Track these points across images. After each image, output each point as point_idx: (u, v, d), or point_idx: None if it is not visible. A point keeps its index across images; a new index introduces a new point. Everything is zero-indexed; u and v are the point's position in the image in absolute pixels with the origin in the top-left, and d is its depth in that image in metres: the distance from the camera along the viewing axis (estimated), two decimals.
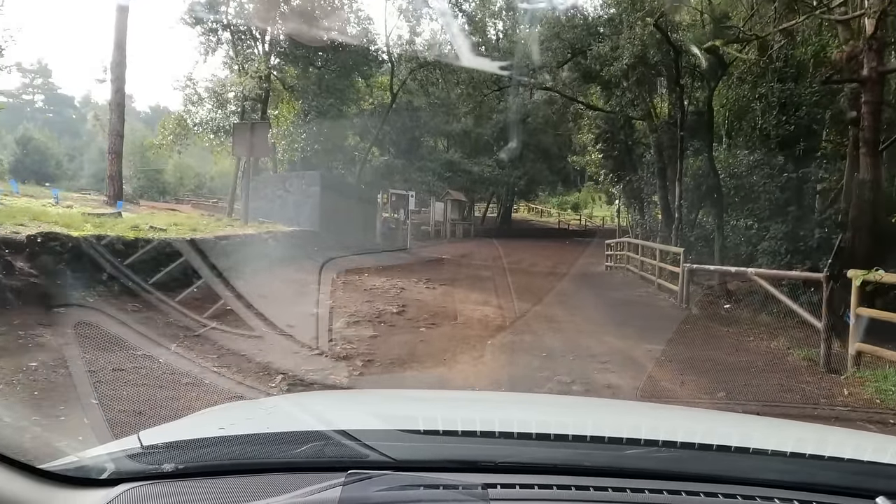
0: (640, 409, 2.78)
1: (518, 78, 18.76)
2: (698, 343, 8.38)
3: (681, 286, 11.52)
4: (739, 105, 15.80)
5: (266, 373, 5.59)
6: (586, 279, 17.12)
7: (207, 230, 11.74)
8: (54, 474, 1.22)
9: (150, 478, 1.23)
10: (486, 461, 1.34)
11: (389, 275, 14.04)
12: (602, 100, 21.34)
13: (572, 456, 1.37)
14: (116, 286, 7.50)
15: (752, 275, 9.42)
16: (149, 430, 1.46)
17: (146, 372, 5.16)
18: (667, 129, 17.13)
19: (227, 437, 1.42)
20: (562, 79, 19.73)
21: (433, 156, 36.70)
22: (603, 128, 21.28)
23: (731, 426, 2.01)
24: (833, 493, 1.29)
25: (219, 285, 8.53)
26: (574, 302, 12.10)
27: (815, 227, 12.54)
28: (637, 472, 1.31)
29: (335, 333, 7.53)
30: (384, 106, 29.20)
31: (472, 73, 20.19)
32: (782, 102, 14.04)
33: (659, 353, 7.48)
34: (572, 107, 24.10)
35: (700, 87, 16.17)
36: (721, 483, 1.29)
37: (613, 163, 21.71)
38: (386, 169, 33.42)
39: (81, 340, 5.49)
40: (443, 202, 32.98)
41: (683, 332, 9.18)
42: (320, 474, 1.22)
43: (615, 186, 25.54)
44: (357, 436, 1.34)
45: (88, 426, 3.49)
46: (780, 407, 5.36)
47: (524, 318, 9.65)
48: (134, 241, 8.50)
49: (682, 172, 15.44)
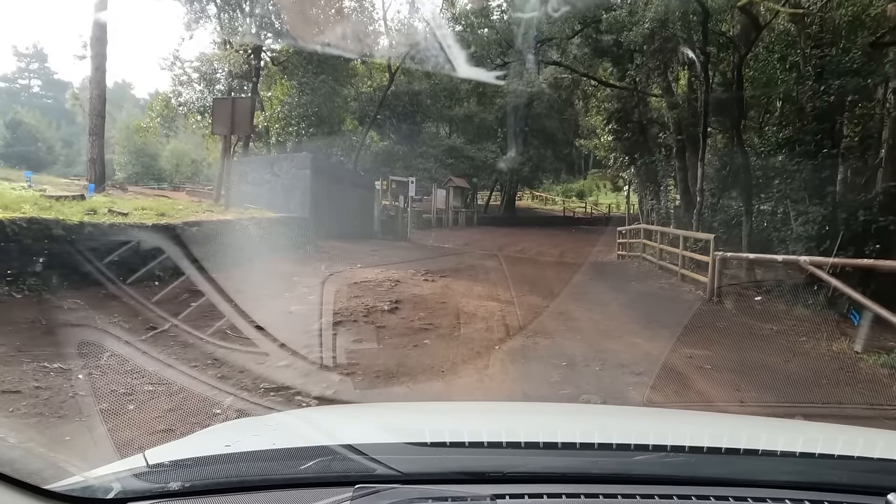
0: (647, 415, 2.70)
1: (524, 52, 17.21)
2: (745, 346, 7.10)
3: (711, 277, 10.20)
4: (768, 76, 14.35)
5: (206, 404, 4.30)
6: (599, 269, 15.81)
7: (178, 216, 10.46)
8: (61, 495, 1.20)
9: (157, 496, 1.21)
10: (494, 472, 1.32)
11: (385, 266, 12.75)
12: (615, 77, 19.84)
13: (581, 464, 1.38)
14: (38, 275, 6.29)
15: (805, 264, 8.09)
16: (154, 449, 1.46)
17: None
18: (688, 105, 15.70)
19: (233, 455, 1.41)
20: (571, 52, 18.22)
21: (435, 141, 35.69)
22: (616, 106, 19.80)
23: (738, 428, 1.98)
24: (844, 491, 1.28)
25: (176, 277, 7.28)
26: (590, 296, 10.81)
27: (860, 209, 11.16)
28: (646, 478, 1.31)
29: (312, 337, 6.25)
30: (383, 88, 27.91)
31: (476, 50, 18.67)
32: (818, 71, 12.63)
33: (701, 360, 6.21)
34: (581, 85, 22.58)
35: (726, 57, 14.69)
36: (731, 486, 1.28)
37: (626, 145, 20.25)
38: (386, 154, 32.41)
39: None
40: (445, 189, 31.96)
41: (723, 331, 7.91)
42: (328, 489, 1.21)
43: (626, 170, 24.09)
44: (364, 450, 1.34)
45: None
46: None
47: (537, 317, 8.36)
48: (78, 225, 7.24)
49: (704, 152, 14.05)
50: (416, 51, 23.55)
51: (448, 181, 32.19)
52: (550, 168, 44.28)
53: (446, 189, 31.84)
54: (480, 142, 36.60)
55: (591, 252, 21.82)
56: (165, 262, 7.88)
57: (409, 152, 32.56)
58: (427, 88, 31.04)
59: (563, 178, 51.36)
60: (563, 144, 44.49)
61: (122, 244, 7.54)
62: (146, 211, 9.98)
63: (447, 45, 18.84)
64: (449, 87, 31.72)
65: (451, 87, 31.61)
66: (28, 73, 74.01)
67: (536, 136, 39.28)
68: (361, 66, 29.01)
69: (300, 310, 7.72)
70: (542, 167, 41.63)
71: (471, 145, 35.82)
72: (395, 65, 25.38)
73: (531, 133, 37.96)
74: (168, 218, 9.86)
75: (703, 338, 7.18)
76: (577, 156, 51.34)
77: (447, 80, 31.59)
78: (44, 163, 44.45)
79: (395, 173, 28.99)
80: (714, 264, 10.00)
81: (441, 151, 34.38)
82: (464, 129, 38.17)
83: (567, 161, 49.18)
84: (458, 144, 35.65)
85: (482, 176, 37.56)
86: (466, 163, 34.89)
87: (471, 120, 37.18)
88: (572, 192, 50.70)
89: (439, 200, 31.41)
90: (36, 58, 73.72)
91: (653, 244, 15.09)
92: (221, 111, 13.04)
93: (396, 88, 29.81)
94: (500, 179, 39.26)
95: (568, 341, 6.81)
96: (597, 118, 26.15)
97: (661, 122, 19.52)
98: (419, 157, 32.83)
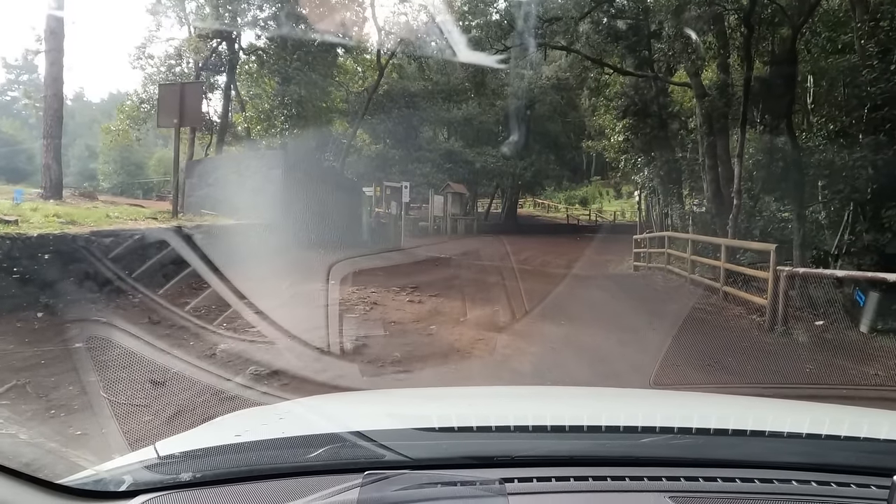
0: (653, 397, 2.63)
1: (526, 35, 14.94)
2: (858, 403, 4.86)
3: (771, 299, 7.96)
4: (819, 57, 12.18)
5: None
6: (618, 284, 13.59)
7: (97, 224, 8.30)
8: (73, 489, 1.20)
9: (168, 488, 1.21)
10: (503, 456, 1.33)
11: (365, 282, 10.54)
12: (630, 66, 17.58)
13: (588, 447, 1.39)
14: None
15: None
16: (165, 441, 1.43)
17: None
18: (721, 92, 13.47)
19: (243, 444, 1.40)
20: (580, 37, 16.00)
21: (432, 145, 34.03)
22: (632, 98, 17.59)
23: (745, 410, 1.93)
24: (850, 472, 1.28)
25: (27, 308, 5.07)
26: (618, 321, 8.61)
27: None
28: (653, 460, 1.32)
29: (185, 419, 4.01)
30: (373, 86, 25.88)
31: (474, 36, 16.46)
32: (883, 49, 10.51)
33: None
34: (591, 76, 20.35)
35: (767, 34, 12.44)
36: (738, 467, 1.29)
37: (643, 141, 18.04)
38: (380, 159, 30.82)
39: None
40: (442, 196, 30.21)
41: (813, 377, 5.69)
42: (337, 476, 1.22)
43: (639, 173, 21.88)
44: (372, 436, 1.34)
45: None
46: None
47: (553, 354, 6.16)
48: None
49: (743, 146, 11.85)
50: (410, 36, 21.41)
51: (446, 187, 30.45)
52: (553, 174, 42.91)
53: (444, 195, 30.12)
54: (480, 146, 34.96)
55: (603, 262, 19.79)
56: (37, 282, 5.70)
57: (405, 156, 30.97)
58: (422, 89, 29.17)
59: (565, 186, 49.65)
60: (567, 149, 42.98)
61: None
62: (48, 219, 7.78)
63: (446, 31, 16.74)
64: (446, 88, 30.03)
65: (449, 88, 29.89)
66: (18, 84, 72.55)
67: (539, 140, 38.00)
68: (350, 63, 27.01)
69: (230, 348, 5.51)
70: (544, 172, 40.15)
71: (470, 149, 34.18)
72: (385, 58, 23.20)
73: (533, 137, 36.62)
74: (78, 226, 7.71)
75: (797, 393, 4.99)
76: (581, 161, 49.84)
77: (444, 81, 29.91)
78: (24, 173, 42.77)
79: (390, 178, 27.31)
80: (778, 283, 7.76)
81: (439, 156, 32.76)
82: (462, 132, 36.59)
83: (571, 166, 47.64)
84: (456, 148, 34.03)
85: (482, 182, 36.08)
86: (465, 168, 33.33)
87: (470, 123, 35.58)
88: (575, 199, 49.03)
89: (437, 207, 29.75)
90: (25, 69, 72.18)
91: (681, 254, 12.89)
92: (168, 99, 10.95)
93: (390, 88, 28.02)
94: (500, 185, 37.59)
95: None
96: (606, 117, 23.97)
97: (684, 114, 17.35)
98: (415, 161, 31.16)
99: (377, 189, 28.58)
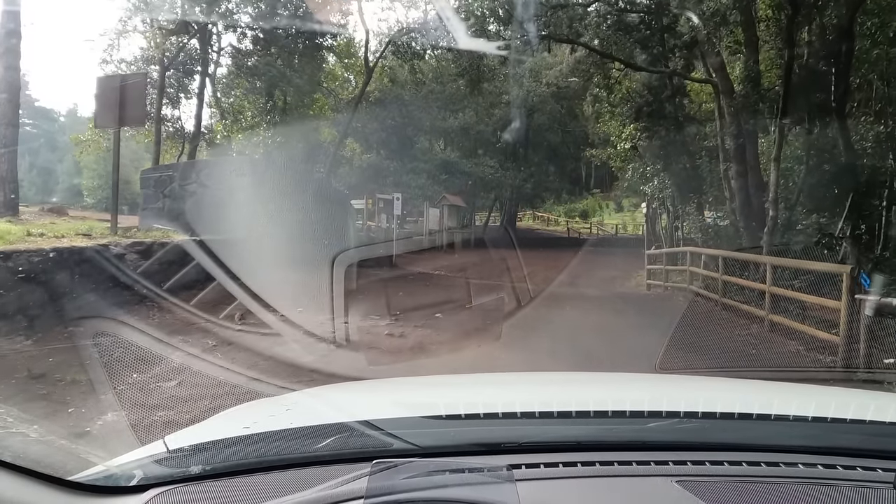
0: (659, 382, 2.59)
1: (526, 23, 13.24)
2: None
3: (844, 334, 6.23)
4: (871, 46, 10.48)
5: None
6: (634, 306, 11.83)
7: (12, 242, 6.58)
8: (84, 485, 1.20)
9: (179, 481, 1.21)
10: (510, 442, 1.33)
11: (338, 308, 8.76)
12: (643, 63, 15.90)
13: (595, 432, 1.38)
14: None
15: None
16: (174, 434, 1.44)
17: None
18: (752, 89, 11.71)
19: (252, 436, 1.39)
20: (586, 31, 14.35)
21: (427, 156, 32.40)
22: (645, 98, 15.92)
23: (751, 393, 1.91)
24: (856, 455, 1.26)
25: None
26: (644, 358, 6.85)
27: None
28: (660, 444, 1.31)
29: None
30: (366, 93, 24.32)
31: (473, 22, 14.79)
32: None
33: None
34: (597, 78, 18.69)
35: (816, 16, 10.66)
36: (744, 451, 1.27)
37: (657, 146, 16.36)
38: (372, 170, 29.30)
39: None
40: (438, 208, 28.71)
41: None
42: (346, 466, 1.21)
43: (648, 183, 20.20)
44: (380, 425, 1.33)
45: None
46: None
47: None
48: None
49: (781, 148, 10.16)
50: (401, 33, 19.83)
51: (442, 199, 28.95)
52: (553, 186, 41.89)
53: (440, 208, 28.68)
54: (478, 156, 33.55)
55: (611, 279, 18.15)
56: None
57: (399, 167, 29.41)
58: (416, 97, 27.76)
59: (564, 198, 48.34)
60: (567, 160, 41.75)
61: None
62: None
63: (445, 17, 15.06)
64: (442, 96, 28.68)
65: (445, 96, 28.55)
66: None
67: (538, 151, 36.90)
68: (339, 70, 25.54)
69: (110, 421, 3.75)
70: (544, 184, 39.15)
71: (467, 160, 32.72)
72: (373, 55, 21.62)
73: (533, 147, 35.46)
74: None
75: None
76: (581, 173, 48.71)
77: (440, 89, 28.57)
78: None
79: (383, 190, 26.13)
80: (861, 310, 6.01)
81: (434, 166, 31.23)
82: (459, 142, 35.12)
83: (570, 178, 46.44)
84: (453, 159, 32.50)
85: (480, 194, 34.65)
86: (462, 179, 31.97)
87: (467, 132, 34.06)
88: (575, 211, 47.80)
89: (432, 220, 28.23)
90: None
91: (708, 274, 11.16)
92: (108, 95, 9.26)
93: (383, 96, 26.57)
94: (499, 197, 36.22)
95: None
96: (611, 124, 22.33)
97: (700, 118, 15.71)
98: (410, 172, 29.57)
99: (369, 201, 27.09)
